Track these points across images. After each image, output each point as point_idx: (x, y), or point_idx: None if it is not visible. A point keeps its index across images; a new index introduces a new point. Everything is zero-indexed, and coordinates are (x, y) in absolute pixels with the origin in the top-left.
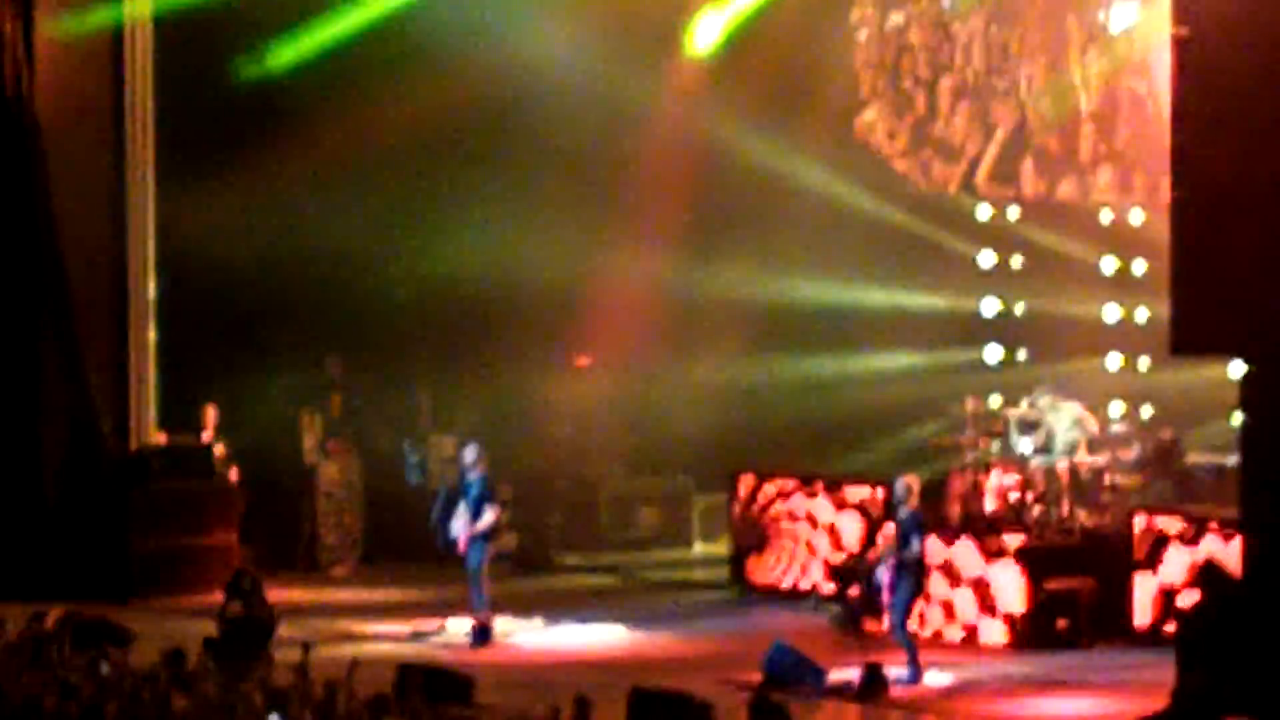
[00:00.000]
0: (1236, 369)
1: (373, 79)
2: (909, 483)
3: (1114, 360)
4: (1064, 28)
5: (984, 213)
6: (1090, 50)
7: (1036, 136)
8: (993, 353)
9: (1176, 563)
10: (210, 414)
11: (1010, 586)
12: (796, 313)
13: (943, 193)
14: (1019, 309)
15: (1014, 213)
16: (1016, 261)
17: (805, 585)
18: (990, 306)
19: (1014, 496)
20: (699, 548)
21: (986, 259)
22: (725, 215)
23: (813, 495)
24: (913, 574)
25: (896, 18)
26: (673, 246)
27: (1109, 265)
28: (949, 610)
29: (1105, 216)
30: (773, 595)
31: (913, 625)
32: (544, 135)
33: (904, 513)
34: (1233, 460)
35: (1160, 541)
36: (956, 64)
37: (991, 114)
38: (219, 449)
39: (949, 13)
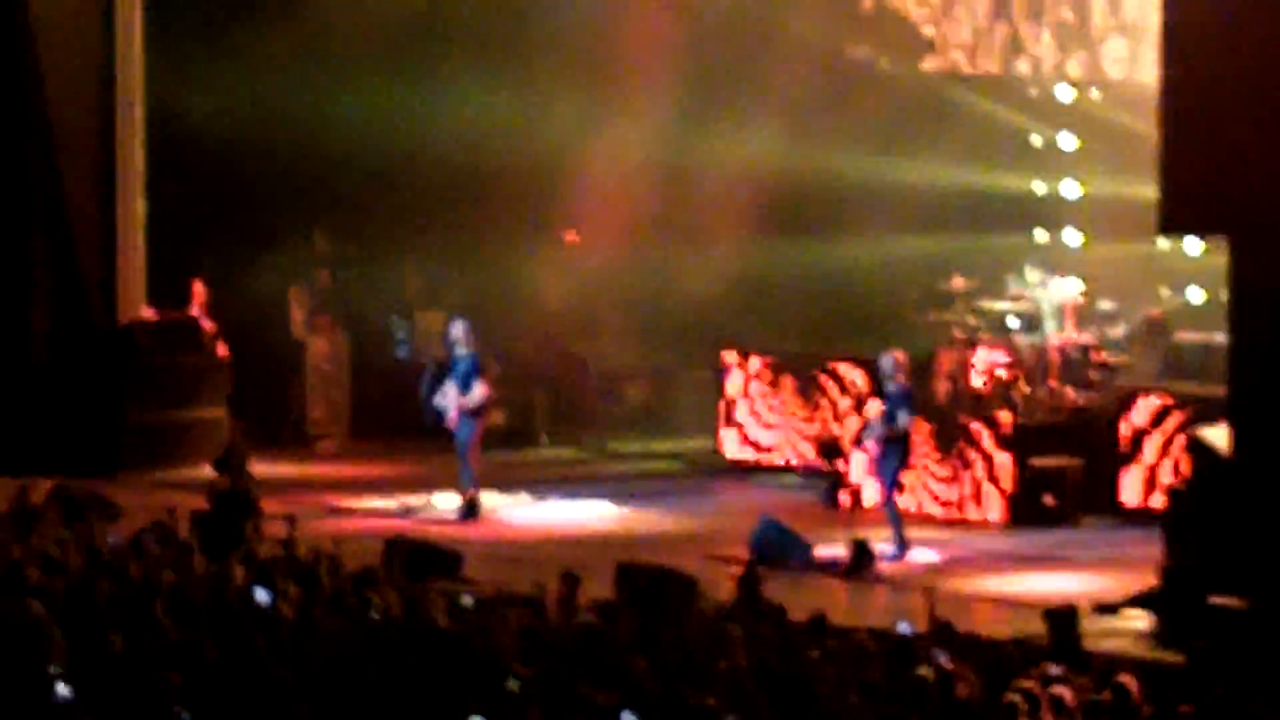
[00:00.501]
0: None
1: None
2: (897, 357)
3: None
4: None
5: (967, 92)
6: None
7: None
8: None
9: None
10: (199, 288)
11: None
12: (790, 188)
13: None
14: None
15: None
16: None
17: (793, 460)
18: (983, 184)
19: (1001, 374)
20: (687, 424)
21: (989, 135)
22: (719, 88)
23: (800, 372)
24: (900, 449)
25: None
26: (665, 120)
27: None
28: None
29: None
30: (759, 470)
31: (900, 500)
32: (529, 5)
33: (892, 387)
34: (1220, 337)
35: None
36: None
37: None
38: (207, 323)
39: None
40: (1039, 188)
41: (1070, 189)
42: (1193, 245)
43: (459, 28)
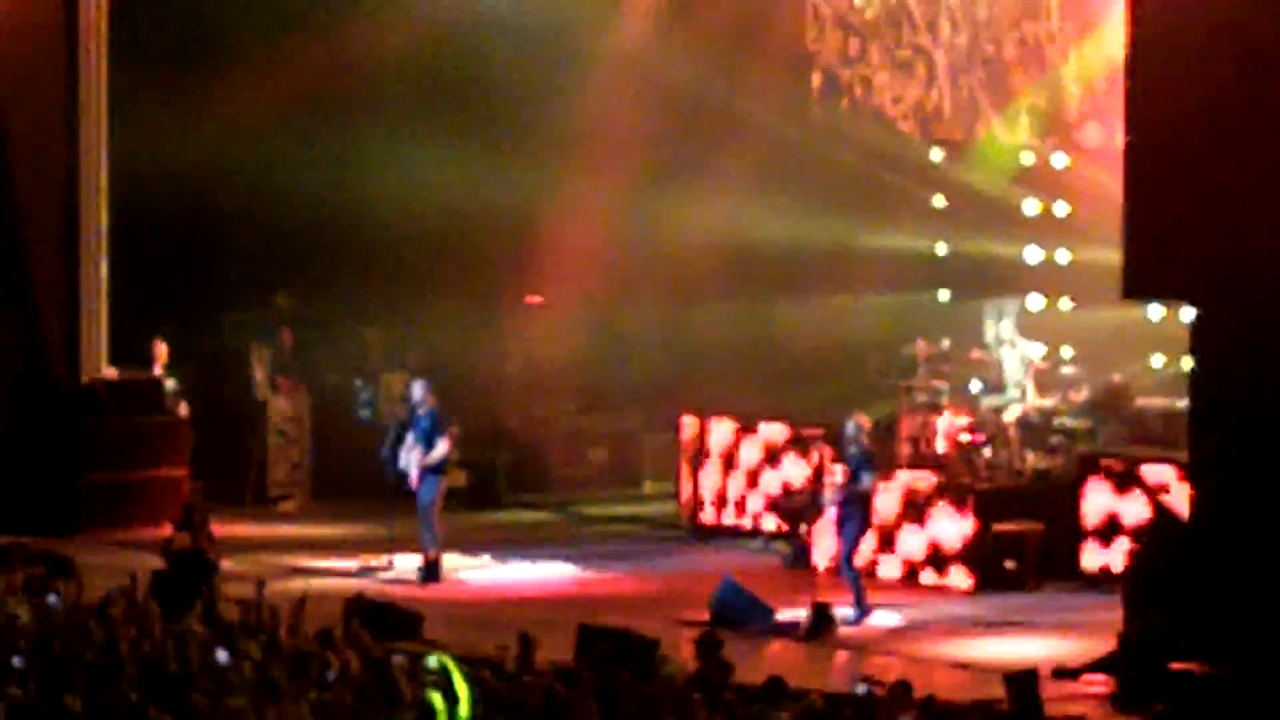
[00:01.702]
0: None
1: (324, 13)
2: (859, 421)
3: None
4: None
5: (937, 156)
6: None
7: (1025, 98)
8: (944, 296)
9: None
10: (160, 348)
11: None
12: (750, 253)
13: (899, 136)
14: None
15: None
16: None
17: (754, 524)
18: (944, 248)
19: (964, 438)
20: (649, 487)
21: (940, 202)
22: (680, 155)
23: (762, 435)
24: (861, 513)
25: None
26: (627, 185)
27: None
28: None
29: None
30: (721, 534)
31: (860, 564)
32: (495, 71)
33: (854, 450)
34: (1182, 403)
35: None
36: (947, 34)
37: (982, 76)
38: (169, 383)
39: None
40: (1005, 252)
41: (1033, 254)
42: (1155, 311)
43: (426, 94)
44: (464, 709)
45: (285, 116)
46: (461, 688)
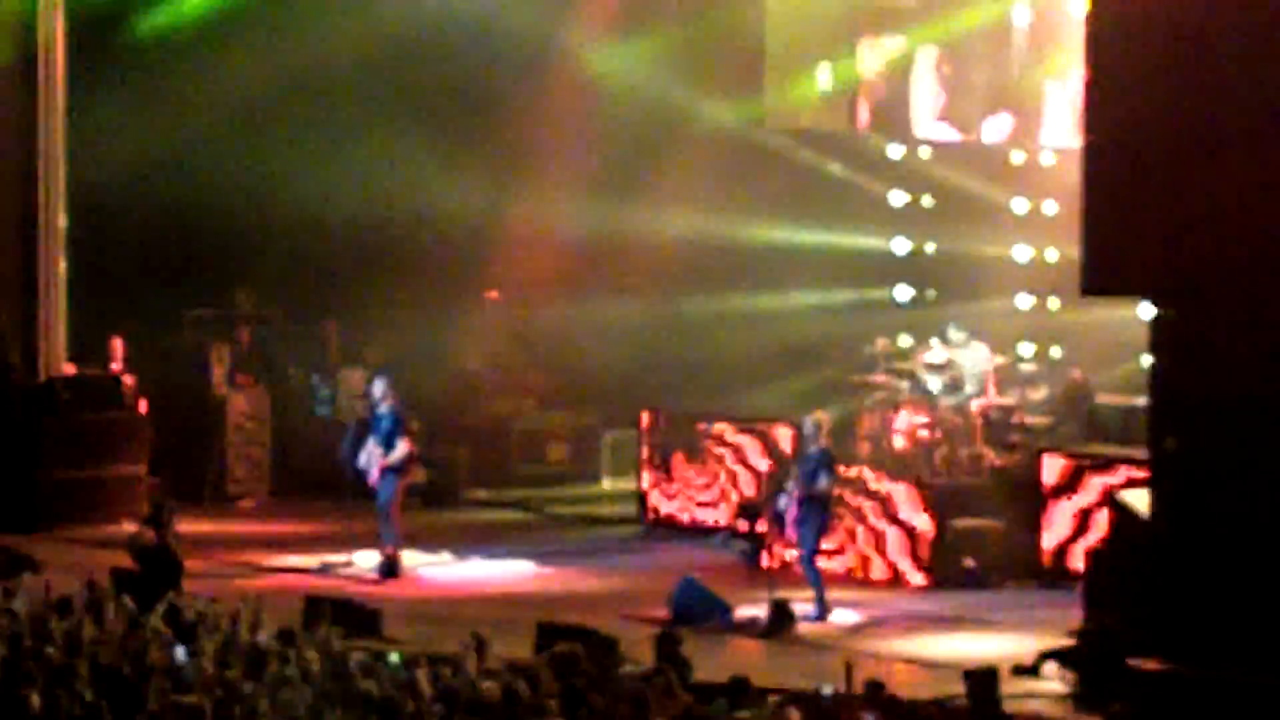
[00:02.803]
0: (1145, 310)
1: (282, 15)
2: (819, 420)
3: (1025, 300)
4: None
5: (896, 152)
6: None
7: (981, 89)
8: (903, 292)
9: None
10: (117, 345)
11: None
12: (706, 251)
13: (853, 132)
14: (930, 248)
15: (926, 153)
16: (928, 201)
17: (713, 521)
18: (902, 246)
19: (923, 436)
20: (607, 483)
21: (898, 198)
22: (635, 152)
23: (720, 433)
24: (820, 511)
25: None
26: (584, 182)
27: (1020, 206)
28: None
29: (1017, 157)
30: (680, 531)
31: (820, 562)
32: (452, 71)
33: (813, 449)
34: (1141, 401)
35: (1071, 479)
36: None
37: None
38: (128, 380)
39: None
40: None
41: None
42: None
43: (384, 95)
44: None
45: (244, 117)
46: None
